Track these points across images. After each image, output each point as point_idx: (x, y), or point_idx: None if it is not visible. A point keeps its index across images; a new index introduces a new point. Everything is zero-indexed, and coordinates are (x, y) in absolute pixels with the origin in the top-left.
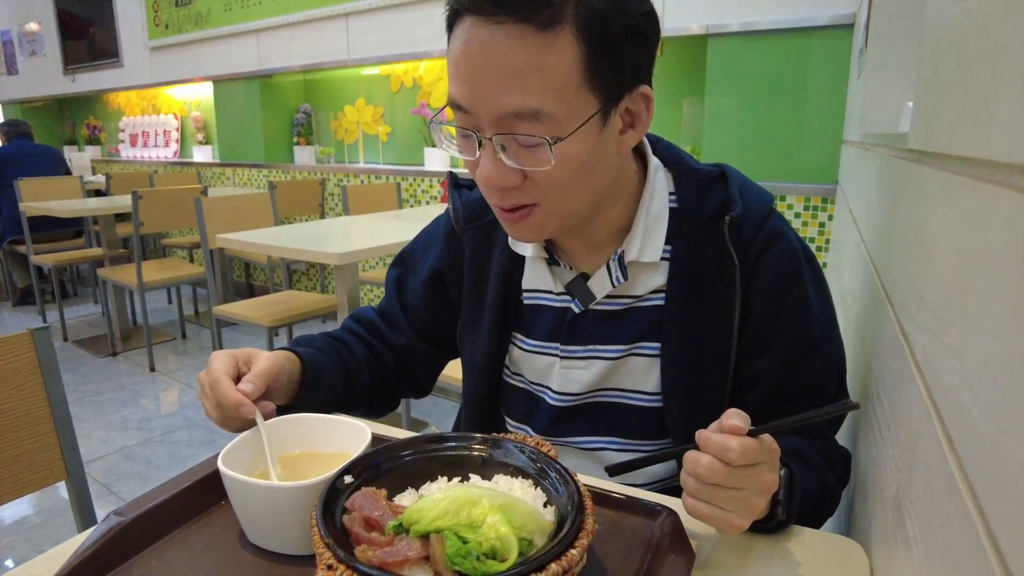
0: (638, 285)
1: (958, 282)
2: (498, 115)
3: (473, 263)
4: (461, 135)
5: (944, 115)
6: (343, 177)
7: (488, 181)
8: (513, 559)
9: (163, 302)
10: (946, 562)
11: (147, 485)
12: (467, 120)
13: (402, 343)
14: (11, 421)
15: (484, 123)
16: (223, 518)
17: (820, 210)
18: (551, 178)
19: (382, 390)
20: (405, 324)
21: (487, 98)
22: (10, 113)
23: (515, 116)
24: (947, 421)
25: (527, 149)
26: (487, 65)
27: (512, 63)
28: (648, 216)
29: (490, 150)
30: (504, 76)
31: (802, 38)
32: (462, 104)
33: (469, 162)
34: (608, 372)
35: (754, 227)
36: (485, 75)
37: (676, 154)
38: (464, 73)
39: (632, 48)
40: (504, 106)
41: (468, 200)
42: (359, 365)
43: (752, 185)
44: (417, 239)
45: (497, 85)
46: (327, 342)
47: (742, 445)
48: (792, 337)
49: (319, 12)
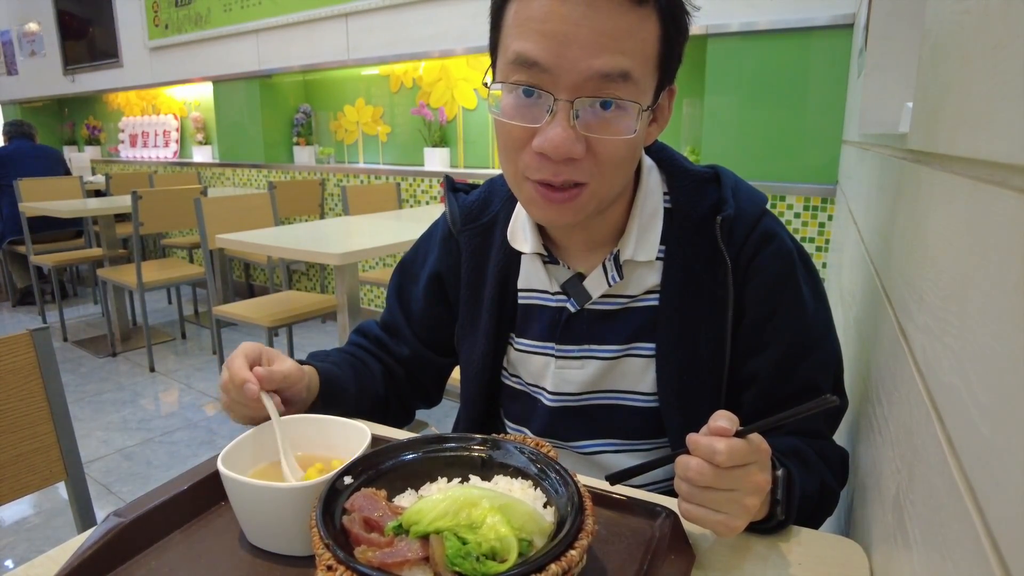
0: (633, 285)
1: (958, 282)
2: (587, 76)
3: (471, 264)
4: (525, 97)
5: (944, 115)
6: (343, 177)
7: (559, 147)
8: (513, 560)
9: (163, 302)
10: (946, 562)
11: (147, 486)
12: (542, 80)
13: (406, 354)
14: (11, 421)
15: (564, 85)
16: (223, 519)
17: (820, 210)
18: (615, 153)
19: (396, 403)
20: (408, 333)
21: (579, 57)
22: (10, 113)
23: (605, 77)
24: (947, 421)
25: (604, 116)
26: (583, 24)
27: (611, 26)
28: (643, 215)
29: (565, 114)
30: (601, 38)
31: (802, 38)
32: (543, 61)
33: (520, 132)
34: (603, 372)
35: (747, 228)
36: (580, 33)
37: (669, 155)
38: (552, 31)
39: (684, 41)
40: (597, 65)
41: (465, 202)
42: (374, 379)
43: (745, 186)
44: (415, 247)
45: (592, 46)
46: (342, 357)
47: (729, 446)
48: (787, 337)
49: (319, 12)
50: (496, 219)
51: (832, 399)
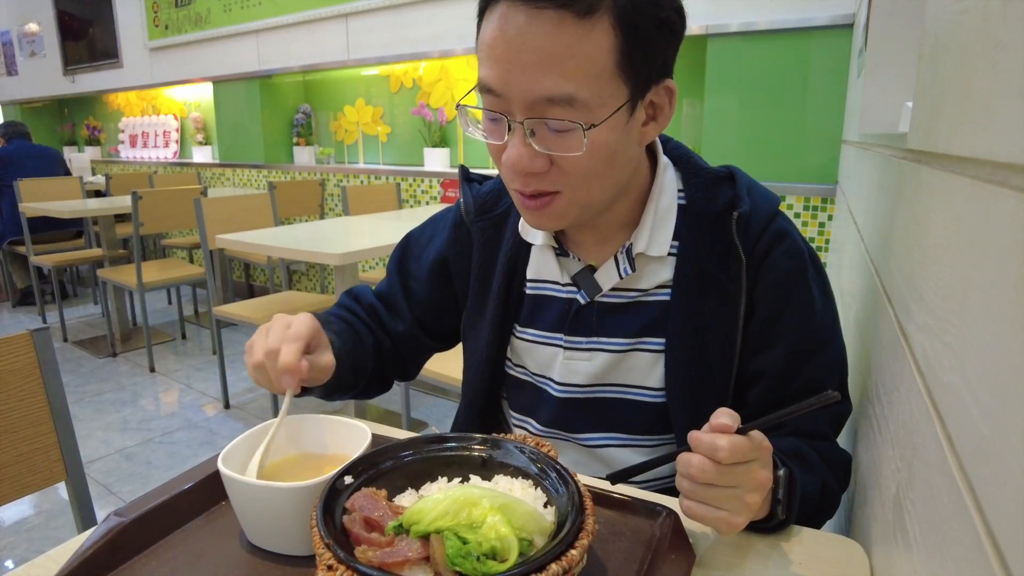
0: (644, 279)
1: (958, 282)
2: (532, 99)
3: (482, 255)
4: (489, 119)
5: (944, 115)
6: (343, 177)
7: (516, 165)
8: (513, 559)
9: (163, 303)
10: (946, 562)
11: (147, 486)
12: (498, 104)
13: (400, 330)
14: (11, 422)
15: (516, 107)
16: (223, 519)
17: (820, 210)
18: (578, 165)
19: (378, 375)
20: (406, 310)
21: (522, 81)
22: (10, 114)
23: (548, 101)
24: (947, 421)
25: (557, 134)
26: (524, 49)
27: (550, 48)
28: (657, 211)
29: (520, 134)
30: (541, 60)
31: (802, 38)
32: (494, 87)
33: (495, 146)
34: (611, 365)
35: (761, 225)
36: (522, 59)
37: (686, 154)
38: (499, 56)
39: (662, 40)
40: (539, 90)
41: (479, 193)
42: (366, 353)
43: (759, 187)
44: (424, 225)
45: (533, 69)
46: (342, 326)
47: (731, 443)
48: (795, 336)
49: (319, 12)
50: (509, 210)
51: (834, 395)
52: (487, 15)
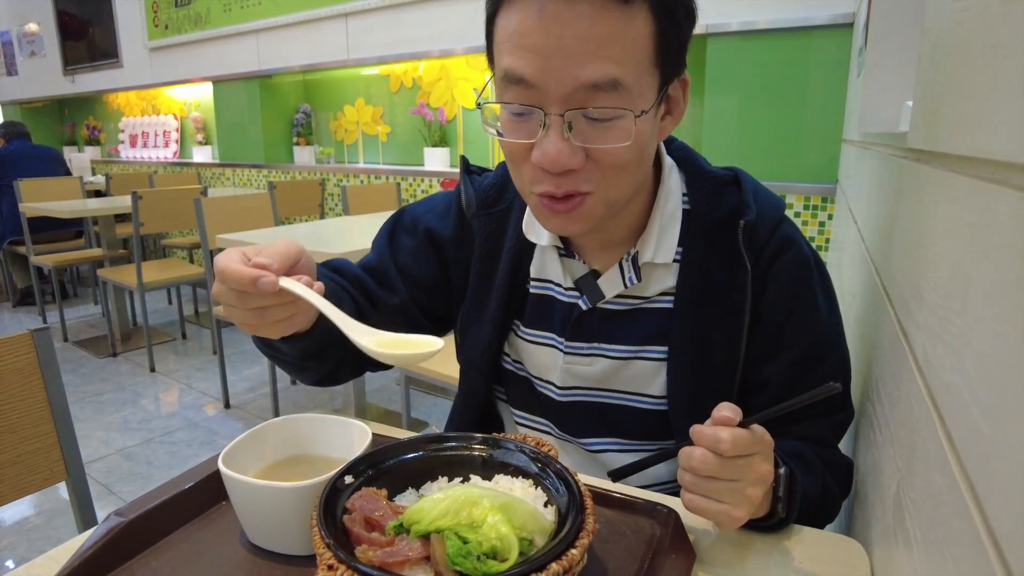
0: (648, 286)
1: (958, 281)
2: (575, 87)
3: (483, 251)
4: (515, 115)
5: (944, 114)
6: (343, 177)
7: (556, 161)
8: (514, 559)
9: (163, 303)
10: (946, 561)
11: (147, 485)
12: (531, 96)
13: (395, 303)
14: (11, 422)
15: (553, 98)
16: (224, 518)
17: (820, 209)
18: (617, 158)
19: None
20: (399, 283)
21: (564, 69)
22: (10, 114)
23: (594, 87)
24: (947, 421)
25: (599, 126)
26: (565, 35)
27: (595, 32)
28: (663, 217)
29: (557, 127)
30: (585, 45)
31: (802, 38)
32: (528, 77)
33: (518, 147)
34: (612, 372)
35: (767, 233)
36: (564, 45)
37: (690, 155)
38: (535, 45)
39: (688, 30)
40: (583, 76)
41: (480, 186)
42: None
43: (764, 191)
44: (422, 201)
45: (577, 55)
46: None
47: (733, 435)
48: (800, 344)
49: (319, 12)
50: (512, 206)
51: (836, 386)
52: (508, 5)
